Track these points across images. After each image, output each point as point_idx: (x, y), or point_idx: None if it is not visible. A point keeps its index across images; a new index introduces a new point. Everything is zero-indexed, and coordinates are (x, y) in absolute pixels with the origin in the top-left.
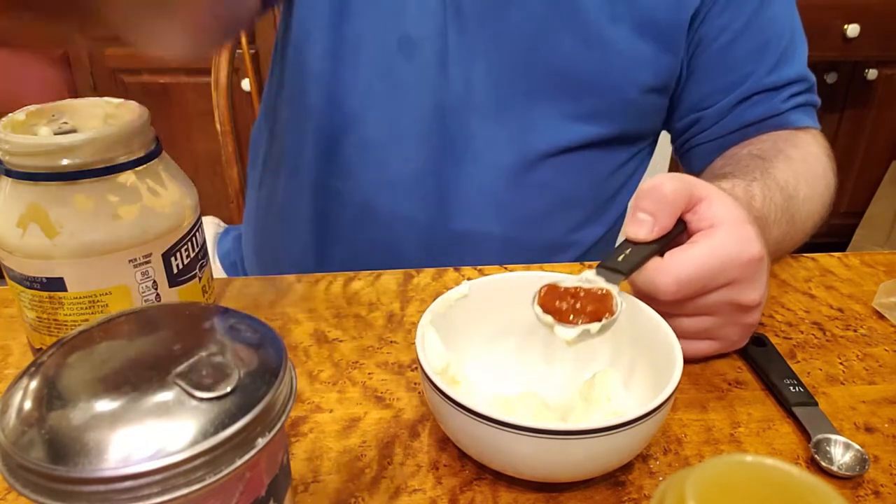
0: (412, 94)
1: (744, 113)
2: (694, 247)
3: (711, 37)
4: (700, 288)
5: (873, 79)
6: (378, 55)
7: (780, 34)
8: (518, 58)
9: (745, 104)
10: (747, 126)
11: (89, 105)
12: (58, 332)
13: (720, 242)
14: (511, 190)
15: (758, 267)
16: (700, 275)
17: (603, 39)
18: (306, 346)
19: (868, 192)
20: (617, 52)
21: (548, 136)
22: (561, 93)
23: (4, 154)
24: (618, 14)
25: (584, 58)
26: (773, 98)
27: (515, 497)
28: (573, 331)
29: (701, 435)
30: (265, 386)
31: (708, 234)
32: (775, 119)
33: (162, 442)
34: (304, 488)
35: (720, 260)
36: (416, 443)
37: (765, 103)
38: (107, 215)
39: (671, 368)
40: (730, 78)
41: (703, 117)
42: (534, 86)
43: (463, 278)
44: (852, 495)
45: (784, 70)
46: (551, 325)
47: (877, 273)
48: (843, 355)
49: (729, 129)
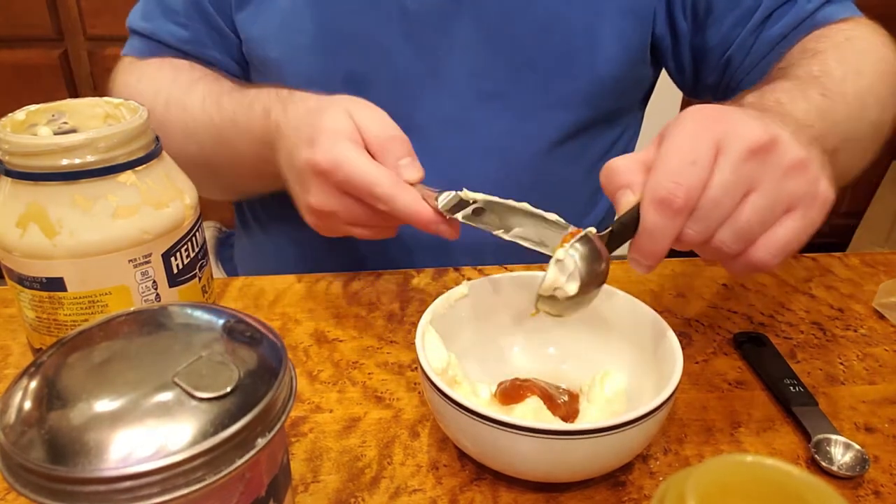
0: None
1: (768, 31)
2: (658, 156)
3: None
4: (695, 161)
5: None
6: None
7: None
8: (480, 56)
9: (766, 23)
10: (778, 43)
11: (89, 105)
12: (58, 332)
13: (675, 129)
14: (497, 188)
15: (728, 115)
16: (676, 160)
17: (560, 22)
18: (306, 346)
19: (868, 192)
20: (579, 30)
21: (529, 131)
22: (527, 86)
23: (4, 154)
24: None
25: (545, 45)
26: (795, 4)
27: (515, 497)
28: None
29: (701, 435)
30: (265, 386)
31: (664, 137)
32: (806, 23)
33: (162, 442)
34: (304, 488)
35: (684, 137)
36: (416, 443)
37: (788, 13)
38: (107, 215)
39: (671, 368)
40: (743, 6)
41: (732, 56)
42: (503, 82)
43: (463, 278)
44: (852, 495)
45: None
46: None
47: (877, 273)
48: (844, 355)
49: (760, 55)
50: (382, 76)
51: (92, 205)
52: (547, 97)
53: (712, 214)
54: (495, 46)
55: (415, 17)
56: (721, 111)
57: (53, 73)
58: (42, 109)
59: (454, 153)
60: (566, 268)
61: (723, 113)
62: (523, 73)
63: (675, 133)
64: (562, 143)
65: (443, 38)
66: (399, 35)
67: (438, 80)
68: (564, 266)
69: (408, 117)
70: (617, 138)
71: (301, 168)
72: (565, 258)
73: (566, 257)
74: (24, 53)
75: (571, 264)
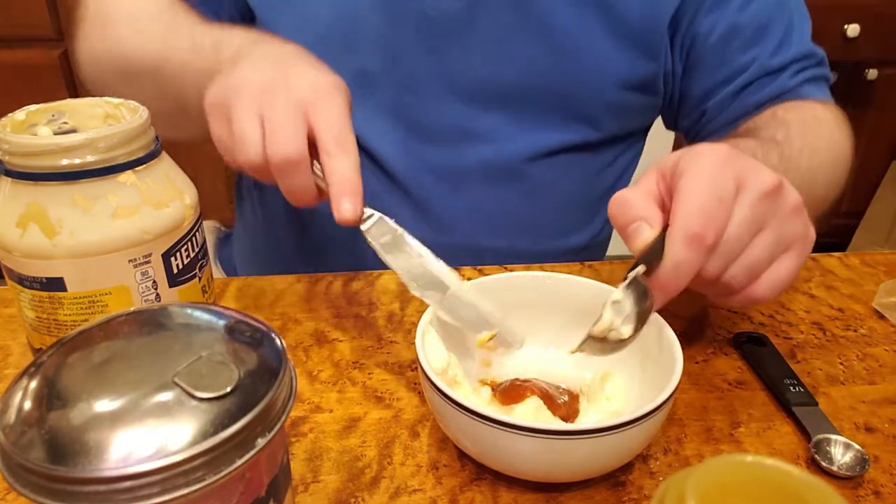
0: (380, 116)
1: (748, 98)
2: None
3: (705, 32)
4: (721, 199)
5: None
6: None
7: (779, 15)
8: (491, 66)
9: (748, 89)
10: (755, 108)
11: (89, 105)
12: (58, 332)
13: (697, 167)
14: (498, 197)
15: (741, 158)
16: (704, 198)
17: (573, 46)
18: (306, 346)
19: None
20: (588, 58)
21: (526, 142)
22: (535, 102)
23: (4, 154)
24: (586, 21)
25: (556, 66)
26: (778, 78)
27: (515, 497)
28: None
29: (701, 435)
30: (265, 386)
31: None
32: (784, 96)
33: (162, 442)
34: (304, 488)
35: (708, 175)
36: (416, 443)
37: (770, 84)
38: (107, 215)
39: (671, 368)
40: (732, 68)
41: (708, 109)
42: (510, 94)
43: (463, 278)
44: (852, 495)
45: (787, 50)
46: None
47: (877, 273)
48: (844, 355)
49: (735, 116)
50: (392, 77)
51: (92, 205)
52: (552, 114)
53: (732, 250)
54: (506, 60)
55: (431, 23)
56: (735, 152)
57: (53, 73)
58: (42, 109)
59: (454, 157)
60: (622, 310)
61: (737, 154)
62: (531, 88)
63: (695, 169)
64: (559, 155)
65: (456, 45)
66: (413, 38)
67: (446, 86)
68: (621, 308)
69: (412, 118)
70: (617, 156)
71: (265, 79)
72: (623, 300)
73: (624, 299)
74: (24, 53)
75: (628, 307)
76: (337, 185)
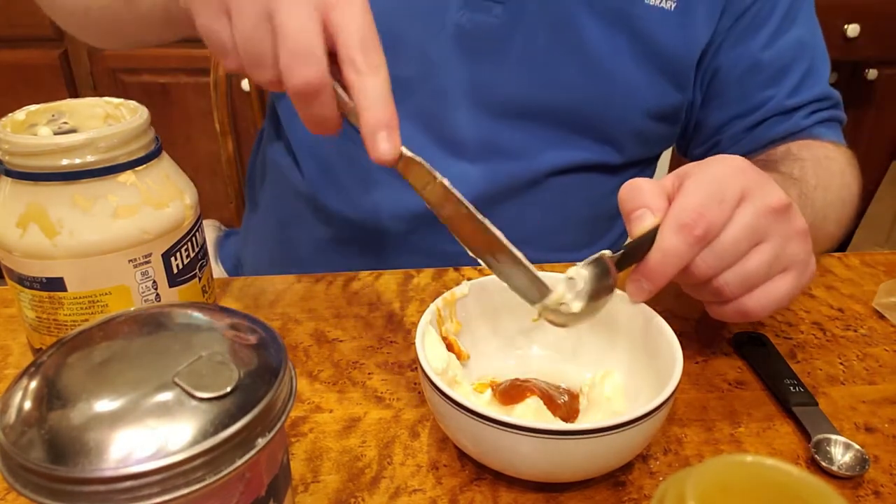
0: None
1: (762, 133)
2: (684, 187)
3: (728, 66)
4: (722, 201)
5: (873, 79)
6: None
7: (802, 57)
8: (521, 85)
9: (763, 125)
10: (766, 144)
11: (89, 105)
12: (58, 332)
13: (708, 170)
14: (514, 209)
15: (755, 172)
16: (704, 195)
17: (606, 71)
18: (306, 346)
19: (868, 192)
20: (620, 84)
21: (549, 159)
22: (563, 122)
23: (4, 154)
24: (620, 48)
25: (587, 89)
26: (793, 117)
27: (515, 497)
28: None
29: (701, 435)
30: (265, 386)
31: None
32: (797, 135)
33: (162, 442)
34: (304, 488)
35: (714, 178)
36: (416, 443)
37: (784, 122)
38: (107, 215)
39: (671, 368)
40: (749, 103)
41: (722, 140)
42: (536, 114)
43: (463, 278)
44: (852, 495)
45: (805, 92)
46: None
47: (877, 273)
48: (844, 355)
49: (746, 150)
50: (426, 86)
51: (92, 205)
52: (579, 135)
53: (726, 252)
54: (539, 79)
55: (468, 36)
56: (751, 166)
57: (53, 73)
58: (42, 109)
59: (478, 170)
60: (574, 286)
61: (753, 168)
62: (561, 109)
63: (704, 172)
64: (578, 172)
65: (490, 60)
66: (448, 49)
67: (478, 99)
68: (573, 284)
69: (440, 129)
70: (633, 177)
71: None
72: (576, 277)
73: (577, 276)
74: (24, 53)
75: (581, 283)
76: (369, 111)
